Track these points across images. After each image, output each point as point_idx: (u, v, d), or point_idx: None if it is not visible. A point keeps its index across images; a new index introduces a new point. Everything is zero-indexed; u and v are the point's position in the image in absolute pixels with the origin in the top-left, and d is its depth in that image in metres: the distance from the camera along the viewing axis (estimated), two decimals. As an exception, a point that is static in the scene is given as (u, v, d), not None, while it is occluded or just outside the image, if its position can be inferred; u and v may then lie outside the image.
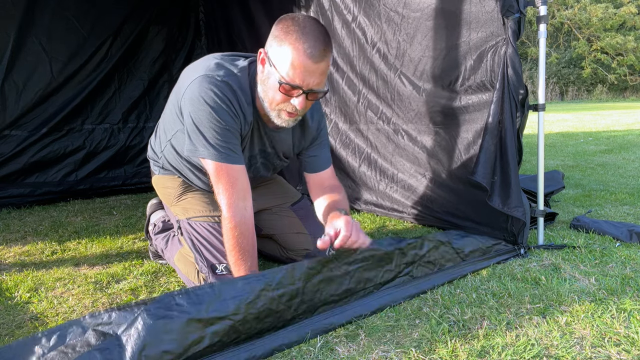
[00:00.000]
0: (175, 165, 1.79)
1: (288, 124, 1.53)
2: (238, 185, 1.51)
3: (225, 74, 1.50)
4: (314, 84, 1.42)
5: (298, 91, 1.42)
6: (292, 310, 1.35)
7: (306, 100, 1.45)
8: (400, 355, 1.24)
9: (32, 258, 2.17)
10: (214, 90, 1.47)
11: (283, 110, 1.48)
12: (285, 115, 1.49)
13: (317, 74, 1.41)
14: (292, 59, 1.38)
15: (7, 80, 3.20)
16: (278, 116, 1.50)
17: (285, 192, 2.07)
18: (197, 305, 1.20)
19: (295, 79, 1.40)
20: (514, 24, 1.92)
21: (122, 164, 3.77)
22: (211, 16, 4.00)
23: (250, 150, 1.69)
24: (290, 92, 1.43)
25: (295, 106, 1.45)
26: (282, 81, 1.41)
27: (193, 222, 1.73)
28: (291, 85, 1.41)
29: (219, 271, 1.60)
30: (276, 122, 1.53)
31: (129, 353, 1.07)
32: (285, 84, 1.41)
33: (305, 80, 1.40)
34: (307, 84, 1.41)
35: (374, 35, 2.57)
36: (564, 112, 14.27)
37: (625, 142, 6.37)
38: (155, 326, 1.12)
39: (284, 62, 1.40)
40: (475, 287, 1.65)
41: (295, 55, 1.38)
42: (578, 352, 1.22)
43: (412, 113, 2.47)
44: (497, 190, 2.02)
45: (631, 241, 2.09)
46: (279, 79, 1.41)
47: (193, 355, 1.16)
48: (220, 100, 1.47)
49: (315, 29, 1.41)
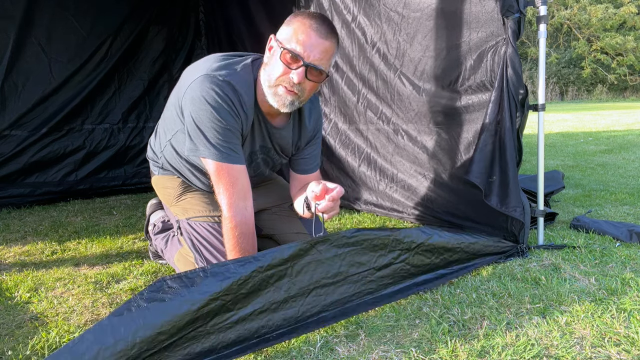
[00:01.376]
0: (175, 165, 1.79)
1: (285, 103, 1.49)
2: (238, 185, 1.51)
3: (227, 74, 1.50)
4: (315, 58, 1.43)
5: (299, 62, 1.43)
6: (282, 292, 1.35)
7: (305, 78, 1.44)
8: (400, 355, 1.24)
9: (32, 258, 2.17)
10: (215, 90, 1.47)
11: (281, 85, 1.47)
12: (282, 91, 1.47)
13: (319, 49, 1.43)
14: (298, 31, 1.42)
15: (7, 81, 3.20)
16: (275, 93, 1.48)
17: (285, 192, 2.06)
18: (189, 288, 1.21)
19: (297, 48, 1.42)
20: (514, 24, 1.92)
21: (122, 164, 3.77)
22: (211, 16, 4.00)
23: (252, 146, 1.68)
24: (291, 62, 1.43)
25: (293, 80, 1.44)
26: (286, 48, 1.42)
27: (193, 222, 1.73)
28: (293, 54, 1.42)
29: None
30: (273, 102, 1.50)
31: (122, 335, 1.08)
32: (287, 52, 1.42)
33: (307, 51, 1.41)
34: (309, 56, 1.42)
35: (374, 35, 2.57)
36: (564, 112, 14.27)
37: (625, 142, 6.37)
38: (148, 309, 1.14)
39: (289, 35, 1.44)
40: (475, 287, 1.65)
41: (301, 28, 1.42)
42: (578, 352, 1.22)
43: (412, 113, 2.47)
44: (496, 190, 2.02)
45: (631, 241, 2.09)
46: (282, 48, 1.43)
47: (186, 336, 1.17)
48: (221, 99, 1.47)
49: (324, 18, 1.47)
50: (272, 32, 1.54)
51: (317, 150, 1.82)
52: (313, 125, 1.76)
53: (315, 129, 1.78)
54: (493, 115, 2.01)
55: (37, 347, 1.33)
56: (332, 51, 1.47)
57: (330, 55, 1.47)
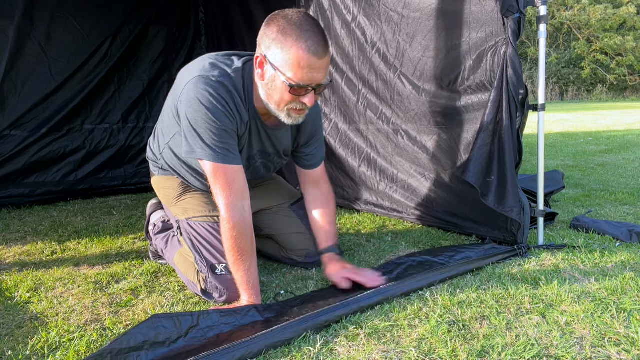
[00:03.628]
0: (174, 167, 1.80)
1: (298, 121, 1.55)
2: (235, 185, 1.51)
3: (220, 74, 1.51)
4: (320, 79, 1.45)
5: (307, 89, 1.45)
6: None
7: (314, 95, 1.48)
8: (400, 355, 1.24)
9: (32, 258, 2.17)
10: (209, 91, 1.47)
11: (292, 110, 1.50)
12: (294, 114, 1.51)
13: (322, 69, 1.44)
14: (299, 61, 1.39)
15: (6, 81, 3.19)
16: (288, 116, 1.52)
17: (284, 191, 2.07)
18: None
19: (304, 79, 1.42)
20: (514, 24, 1.92)
21: (122, 164, 3.77)
22: (211, 16, 4.00)
23: (249, 150, 1.69)
24: (300, 91, 1.44)
25: (305, 103, 1.47)
26: (292, 84, 1.42)
27: (192, 222, 1.73)
28: (301, 86, 1.43)
29: (218, 271, 1.60)
30: (286, 121, 1.54)
31: None
32: (295, 86, 1.42)
33: (313, 78, 1.43)
34: (315, 81, 1.44)
35: (374, 36, 2.57)
36: (564, 112, 14.27)
37: (625, 142, 6.37)
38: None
39: (289, 65, 1.40)
40: (475, 287, 1.64)
41: (301, 56, 1.38)
42: (578, 352, 1.22)
43: (412, 113, 2.47)
44: (493, 190, 2.02)
45: (631, 241, 2.09)
46: (287, 82, 1.42)
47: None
48: (215, 100, 1.47)
49: (311, 24, 1.42)
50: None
51: (321, 144, 1.85)
52: (312, 119, 1.77)
53: (315, 123, 1.80)
54: (492, 115, 2.01)
55: (37, 347, 1.33)
56: (329, 60, 1.50)
57: (330, 62, 1.52)
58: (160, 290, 1.74)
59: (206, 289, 1.61)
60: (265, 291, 1.71)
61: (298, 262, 1.95)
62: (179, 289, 1.75)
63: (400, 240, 2.29)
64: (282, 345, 1.28)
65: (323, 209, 1.82)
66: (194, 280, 1.66)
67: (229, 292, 1.58)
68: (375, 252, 2.12)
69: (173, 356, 1.20)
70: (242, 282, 1.52)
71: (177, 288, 1.75)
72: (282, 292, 1.69)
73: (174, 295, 1.69)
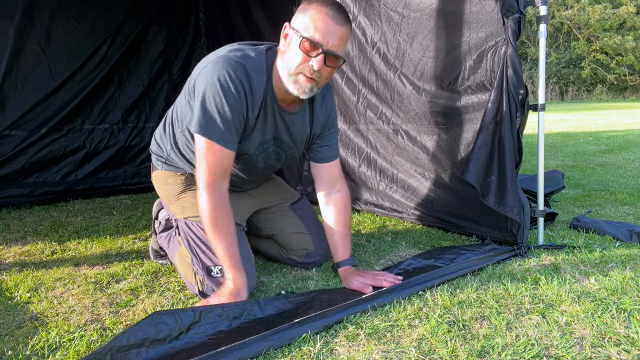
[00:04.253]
0: (185, 154, 1.77)
1: (305, 90, 1.51)
2: (222, 167, 1.52)
3: (242, 56, 1.53)
4: (333, 45, 1.45)
5: (318, 50, 1.45)
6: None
7: (324, 65, 1.46)
8: (400, 355, 1.24)
9: (32, 258, 2.17)
10: (229, 72, 1.49)
11: (301, 74, 1.48)
12: (302, 79, 1.49)
13: (337, 36, 1.45)
14: (315, 19, 1.44)
15: (6, 81, 3.19)
16: (295, 82, 1.50)
17: (284, 191, 2.06)
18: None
19: (316, 36, 1.43)
20: (514, 24, 1.92)
21: (122, 164, 3.77)
22: (211, 16, 4.00)
23: (263, 135, 1.66)
24: (310, 50, 1.45)
25: (313, 67, 1.46)
26: (304, 36, 1.44)
27: (190, 222, 1.72)
28: (312, 42, 1.44)
29: (214, 273, 1.60)
30: (293, 89, 1.52)
31: None
32: (306, 40, 1.44)
33: (326, 38, 1.44)
34: (327, 43, 1.44)
35: (374, 35, 2.57)
36: (564, 112, 14.27)
37: (625, 142, 6.37)
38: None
39: (306, 24, 1.45)
40: (475, 287, 1.64)
41: (317, 15, 1.44)
42: (578, 352, 1.22)
43: (412, 113, 2.47)
44: (493, 190, 2.02)
45: (631, 241, 2.09)
46: (300, 37, 1.44)
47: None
48: (231, 81, 1.48)
49: (339, 5, 1.49)
50: (272, 32, 1.55)
51: (335, 137, 1.83)
52: (327, 111, 1.76)
53: (330, 116, 1.78)
54: (492, 115, 2.01)
55: (37, 347, 1.33)
56: (348, 37, 1.51)
57: (346, 41, 1.50)
58: (160, 290, 1.74)
59: (203, 290, 1.61)
60: (265, 291, 1.71)
61: (298, 262, 1.95)
62: (179, 289, 1.75)
63: (400, 240, 2.29)
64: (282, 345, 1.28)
65: (340, 216, 1.79)
66: (192, 281, 1.66)
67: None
68: (375, 252, 2.12)
69: (173, 354, 1.20)
70: (225, 259, 1.51)
71: (177, 288, 1.75)
72: (282, 292, 1.69)
73: (174, 295, 1.69)
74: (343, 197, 1.81)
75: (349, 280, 1.68)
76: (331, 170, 1.80)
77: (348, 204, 1.82)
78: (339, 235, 1.77)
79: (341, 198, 1.80)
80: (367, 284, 1.62)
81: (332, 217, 1.79)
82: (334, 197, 1.80)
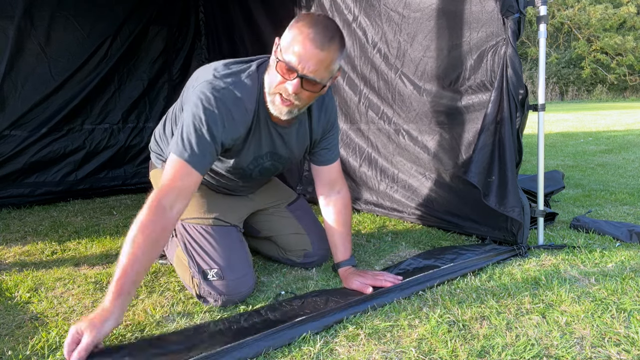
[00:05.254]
0: None
1: (281, 112, 1.47)
2: (179, 184, 1.40)
3: (233, 82, 1.48)
4: (309, 70, 1.37)
5: (293, 74, 1.38)
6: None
7: (301, 88, 1.40)
8: (400, 355, 1.24)
9: (32, 258, 2.17)
10: (215, 96, 1.44)
11: (278, 94, 1.44)
12: (279, 101, 1.45)
13: (315, 61, 1.36)
14: (295, 41, 1.37)
15: (6, 81, 3.19)
16: (273, 102, 1.47)
17: (281, 192, 2.06)
18: None
19: (292, 60, 1.37)
20: (514, 24, 1.92)
21: (122, 164, 3.77)
22: (211, 16, 4.00)
23: (258, 150, 1.64)
24: (285, 73, 1.39)
25: (288, 90, 1.40)
26: (279, 59, 1.39)
27: (187, 225, 1.72)
28: (286, 65, 1.38)
29: (210, 277, 1.59)
30: (271, 109, 1.49)
31: None
32: (282, 62, 1.38)
33: (302, 63, 1.36)
34: (303, 68, 1.37)
35: (375, 36, 2.57)
36: (564, 112, 14.27)
37: (625, 142, 6.37)
38: None
39: (287, 44, 1.38)
40: (475, 287, 1.65)
41: (298, 37, 1.36)
42: (578, 352, 1.22)
43: (413, 113, 2.47)
44: (494, 190, 2.02)
45: (631, 241, 2.09)
46: (277, 59, 1.40)
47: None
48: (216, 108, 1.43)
49: (328, 23, 1.40)
50: (272, 31, 1.55)
51: (336, 140, 1.80)
52: (327, 116, 1.72)
53: (330, 119, 1.74)
54: (492, 115, 2.01)
55: (37, 347, 1.33)
56: (330, 60, 1.40)
57: (327, 65, 1.40)
58: (160, 290, 1.74)
59: (200, 294, 1.60)
60: (265, 291, 1.71)
61: (297, 262, 1.95)
62: (179, 289, 1.75)
63: (400, 240, 2.29)
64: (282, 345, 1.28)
65: (340, 217, 1.78)
66: (189, 284, 1.65)
67: (222, 297, 1.56)
68: (375, 252, 2.12)
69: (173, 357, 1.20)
70: (116, 277, 1.27)
71: (177, 288, 1.75)
72: (282, 292, 1.69)
73: (174, 295, 1.69)
74: (343, 199, 1.80)
75: (349, 280, 1.67)
76: (331, 172, 1.79)
77: (348, 205, 1.81)
78: (339, 236, 1.77)
79: (341, 199, 1.80)
80: (367, 284, 1.61)
81: (332, 217, 1.78)
82: (334, 199, 1.79)
